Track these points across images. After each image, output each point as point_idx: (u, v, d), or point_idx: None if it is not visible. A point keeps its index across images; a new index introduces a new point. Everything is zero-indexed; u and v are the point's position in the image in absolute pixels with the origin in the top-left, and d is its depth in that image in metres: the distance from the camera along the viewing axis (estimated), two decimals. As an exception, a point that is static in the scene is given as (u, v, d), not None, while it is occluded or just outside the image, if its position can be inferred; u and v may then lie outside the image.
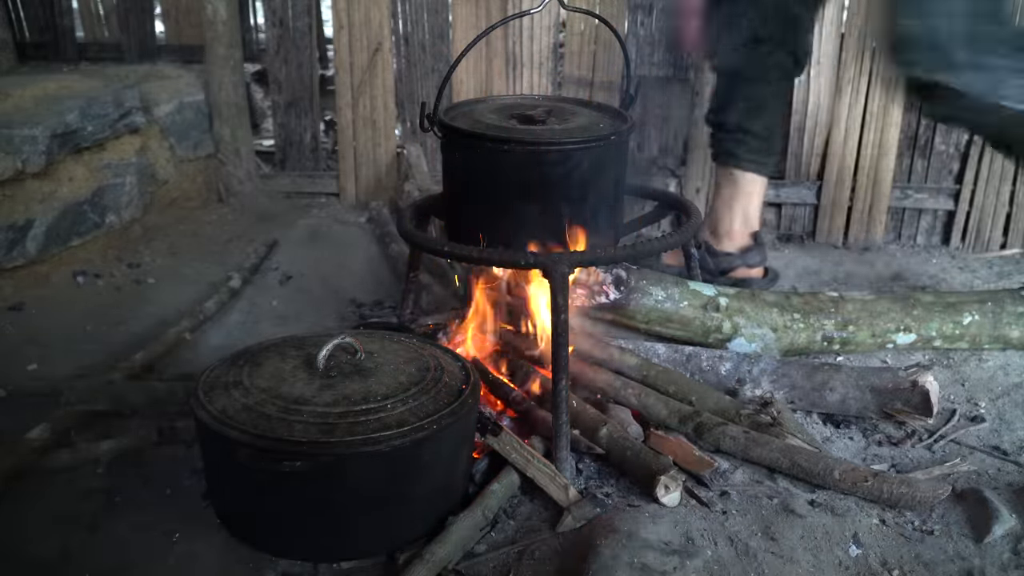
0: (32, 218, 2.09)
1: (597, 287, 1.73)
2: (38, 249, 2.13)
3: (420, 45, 2.75)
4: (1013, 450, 1.56)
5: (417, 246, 1.64)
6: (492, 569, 1.24)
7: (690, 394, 1.58)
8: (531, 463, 1.36)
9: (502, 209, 1.53)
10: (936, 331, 1.85)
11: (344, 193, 2.90)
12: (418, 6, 2.70)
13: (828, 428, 1.63)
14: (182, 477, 1.43)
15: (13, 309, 2.01)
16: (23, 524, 1.32)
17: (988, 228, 2.68)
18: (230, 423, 1.17)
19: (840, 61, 2.60)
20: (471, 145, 1.53)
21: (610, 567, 1.16)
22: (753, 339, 1.79)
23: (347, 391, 1.22)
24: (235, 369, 1.29)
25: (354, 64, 2.73)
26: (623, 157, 1.62)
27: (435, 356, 1.37)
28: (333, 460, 1.14)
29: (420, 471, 1.21)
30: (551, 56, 2.70)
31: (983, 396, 1.76)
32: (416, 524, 1.26)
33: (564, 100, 1.87)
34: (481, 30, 2.40)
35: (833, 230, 2.74)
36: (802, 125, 2.68)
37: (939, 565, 1.25)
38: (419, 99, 2.77)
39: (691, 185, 2.76)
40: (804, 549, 1.26)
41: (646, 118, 2.74)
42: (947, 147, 2.67)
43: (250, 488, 1.20)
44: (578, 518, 1.31)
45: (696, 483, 1.41)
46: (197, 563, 1.24)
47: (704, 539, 1.26)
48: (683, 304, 1.77)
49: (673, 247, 1.62)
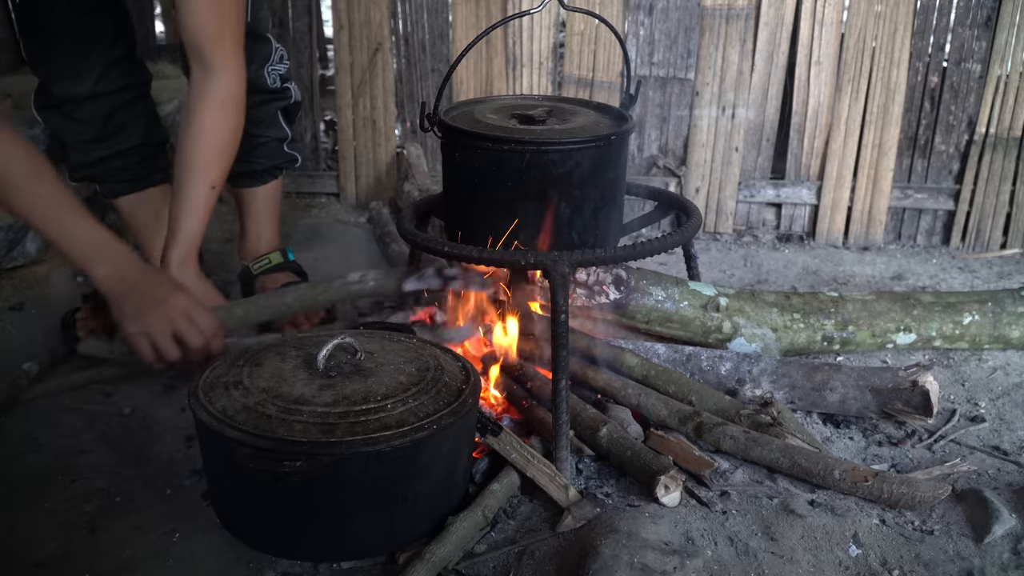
0: (32, 218, 2.09)
1: (597, 287, 1.73)
2: (38, 249, 2.12)
3: (420, 45, 2.75)
4: (1013, 450, 1.56)
5: (417, 246, 1.64)
6: (492, 569, 1.24)
7: (690, 394, 1.58)
8: (531, 463, 1.36)
9: (502, 209, 1.53)
10: (936, 331, 1.85)
11: (344, 193, 2.90)
12: (418, 6, 2.70)
13: (828, 428, 1.63)
14: (182, 477, 1.44)
15: (13, 309, 2.01)
16: (23, 524, 1.32)
17: (988, 228, 2.69)
18: (230, 423, 1.17)
19: (840, 61, 2.60)
20: (471, 145, 1.53)
21: (610, 567, 1.16)
22: (753, 339, 1.79)
23: (347, 391, 1.22)
24: (235, 369, 1.29)
25: (354, 64, 2.73)
26: (623, 157, 1.62)
27: (435, 356, 1.37)
28: (333, 460, 1.14)
29: (420, 471, 1.21)
30: (551, 56, 2.70)
31: (983, 396, 1.76)
32: (416, 524, 1.26)
33: (564, 100, 1.87)
34: (481, 30, 2.41)
35: (833, 230, 2.75)
36: (802, 125, 2.68)
37: (939, 565, 1.25)
38: (419, 99, 2.77)
39: (691, 185, 2.76)
40: (804, 549, 1.26)
41: (646, 118, 2.74)
42: (947, 147, 2.67)
43: (250, 488, 1.20)
44: (578, 518, 1.31)
45: (696, 483, 1.41)
46: (197, 563, 1.24)
47: (704, 539, 1.26)
48: (683, 304, 1.77)
49: (673, 247, 1.62)
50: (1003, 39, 2.53)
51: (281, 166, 2.13)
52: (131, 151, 2.00)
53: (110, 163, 1.99)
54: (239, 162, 2.04)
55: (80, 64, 1.87)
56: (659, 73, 2.69)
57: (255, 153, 2.06)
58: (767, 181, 2.76)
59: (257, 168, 2.08)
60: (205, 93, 1.66)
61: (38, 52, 1.88)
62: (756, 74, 2.65)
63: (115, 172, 2.01)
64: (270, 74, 2.01)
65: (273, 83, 2.02)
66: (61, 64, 1.87)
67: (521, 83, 2.72)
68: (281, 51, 2.04)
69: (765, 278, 2.46)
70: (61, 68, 1.87)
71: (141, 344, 1.47)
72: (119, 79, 1.93)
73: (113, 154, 1.98)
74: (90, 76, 1.88)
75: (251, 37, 1.93)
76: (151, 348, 1.49)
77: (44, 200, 1.43)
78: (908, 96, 2.62)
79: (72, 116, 1.92)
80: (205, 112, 1.67)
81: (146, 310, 1.46)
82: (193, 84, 1.67)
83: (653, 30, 2.65)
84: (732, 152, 2.71)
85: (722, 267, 2.54)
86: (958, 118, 2.64)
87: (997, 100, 2.58)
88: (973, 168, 2.65)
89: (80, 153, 1.96)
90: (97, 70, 1.88)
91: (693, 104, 2.69)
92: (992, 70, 2.56)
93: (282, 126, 2.10)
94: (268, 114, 2.05)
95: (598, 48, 2.67)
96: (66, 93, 1.89)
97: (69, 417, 1.63)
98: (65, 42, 1.85)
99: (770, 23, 2.59)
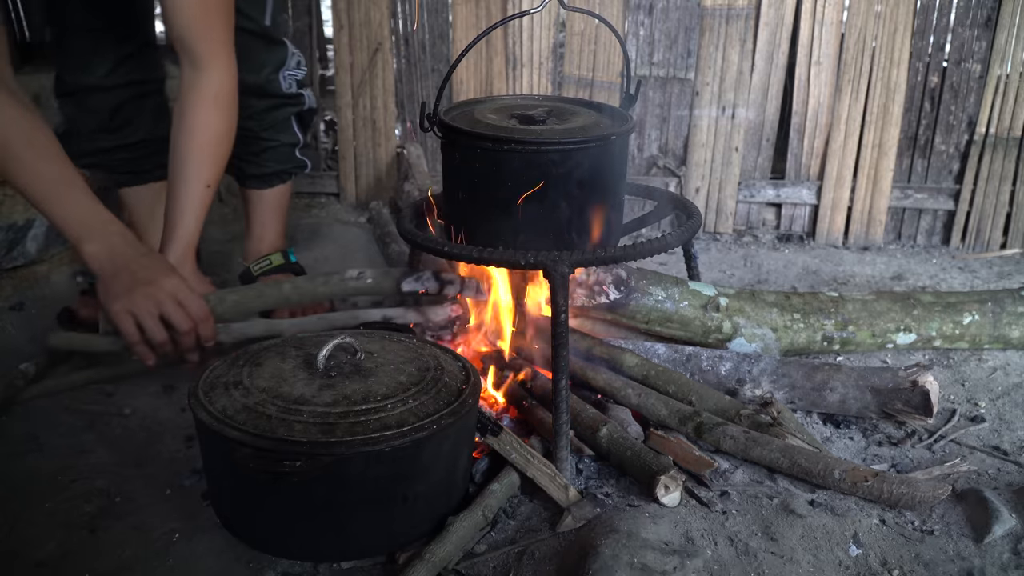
0: (32, 218, 2.09)
1: (597, 287, 1.73)
2: (38, 249, 2.12)
3: (420, 45, 2.75)
4: (1013, 450, 1.56)
5: (417, 246, 1.64)
6: (492, 569, 1.24)
7: (690, 394, 1.58)
8: (531, 463, 1.36)
9: (502, 209, 1.53)
10: (936, 331, 1.85)
11: (344, 193, 2.90)
12: (418, 6, 2.70)
13: (828, 428, 1.63)
14: (182, 477, 1.44)
15: (13, 309, 2.01)
16: (23, 524, 1.32)
17: (988, 228, 2.69)
18: (230, 423, 1.17)
19: (840, 61, 2.60)
20: (471, 145, 1.53)
21: (610, 567, 1.16)
22: (753, 339, 1.79)
23: (347, 391, 1.22)
24: (235, 369, 1.29)
25: (354, 64, 2.73)
26: (623, 157, 1.62)
27: (435, 356, 1.37)
28: (333, 460, 1.14)
29: (420, 471, 1.21)
30: (551, 56, 2.70)
31: (983, 396, 1.76)
32: (416, 524, 1.26)
33: (564, 100, 1.87)
34: (481, 30, 2.41)
35: (833, 230, 2.75)
36: (802, 125, 2.68)
37: (939, 565, 1.25)
38: (419, 99, 2.77)
39: (691, 185, 2.76)
40: (804, 549, 1.26)
41: (646, 118, 2.74)
42: (947, 147, 2.67)
43: (250, 488, 1.20)
44: (578, 518, 1.31)
45: (696, 483, 1.41)
46: (197, 563, 1.24)
47: (704, 539, 1.26)
48: (683, 304, 1.77)
49: (673, 247, 1.62)
50: (1003, 39, 2.53)
51: (291, 171, 2.14)
52: (136, 145, 2.02)
53: (115, 154, 2.02)
54: (249, 163, 2.05)
55: (91, 57, 1.91)
56: (659, 73, 2.69)
57: (265, 156, 2.07)
58: (767, 181, 2.76)
59: (266, 171, 2.09)
60: (196, 90, 1.66)
61: (52, 40, 1.94)
62: (756, 74, 2.65)
63: (120, 163, 2.03)
64: (285, 79, 2.02)
65: (288, 88, 2.03)
66: (74, 55, 1.92)
67: (521, 83, 2.72)
68: (298, 57, 2.05)
69: (765, 278, 2.46)
70: (74, 59, 1.93)
71: (125, 322, 1.42)
72: (128, 74, 1.96)
73: (118, 146, 2.01)
74: (100, 68, 1.92)
75: (267, 40, 1.96)
76: (135, 328, 1.45)
77: (43, 173, 1.42)
78: (908, 96, 2.62)
79: (83, 105, 1.96)
80: (198, 109, 1.66)
81: (134, 288, 1.42)
82: (184, 81, 1.67)
83: (653, 30, 2.65)
84: (732, 152, 2.71)
85: (722, 267, 2.54)
86: (958, 118, 2.64)
87: (997, 100, 2.58)
88: (973, 168, 2.65)
89: (87, 141, 2.01)
90: (107, 64, 1.92)
91: (693, 104, 2.69)
92: (992, 70, 2.56)
93: (294, 131, 2.11)
94: (280, 118, 2.06)
95: (598, 48, 2.67)
96: (78, 82, 1.94)
97: (69, 417, 1.63)
98: (78, 35, 1.90)
99: (770, 23, 2.59)
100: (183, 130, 1.67)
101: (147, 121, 2.03)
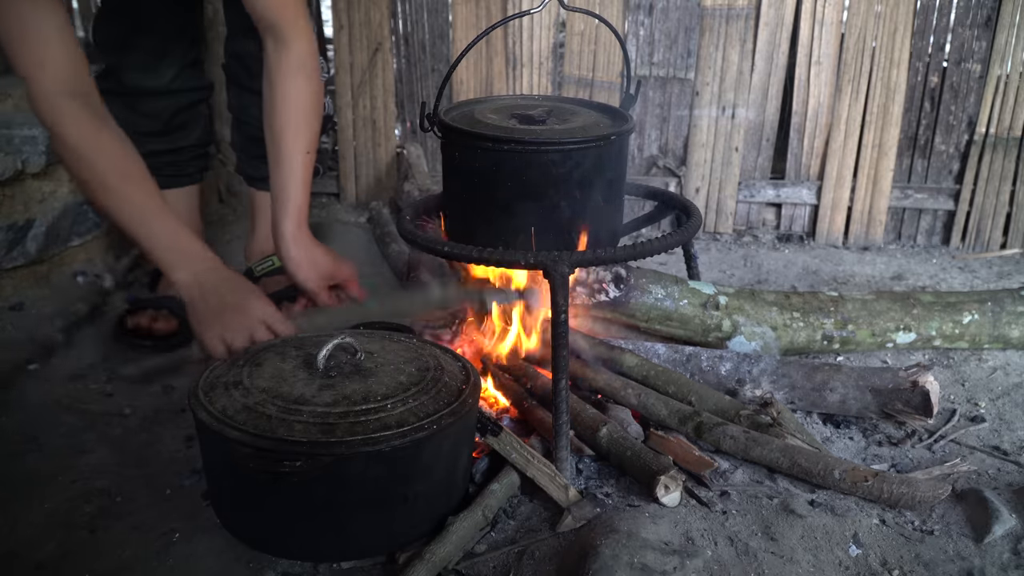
0: (32, 218, 2.09)
1: (597, 285, 1.73)
2: (38, 249, 2.12)
3: (420, 45, 2.75)
4: (1013, 450, 1.56)
5: (417, 246, 1.64)
6: (492, 569, 1.24)
7: (690, 394, 1.58)
8: (531, 463, 1.36)
9: (502, 209, 1.53)
10: (936, 331, 1.85)
11: (344, 193, 2.90)
12: (418, 6, 2.70)
13: (828, 428, 1.63)
14: (182, 477, 1.44)
15: (13, 309, 2.01)
16: (23, 524, 1.32)
17: (988, 228, 2.69)
18: (230, 423, 1.17)
19: (840, 61, 2.60)
20: (471, 145, 1.53)
21: (610, 567, 1.16)
22: (753, 338, 1.79)
23: (347, 391, 1.22)
24: (235, 369, 1.29)
25: (354, 64, 2.73)
26: (623, 157, 1.62)
27: (435, 356, 1.37)
28: (333, 460, 1.14)
29: (420, 471, 1.21)
30: (551, 56, 2.70)
31: (983, 396, 1.76)
32: (416, 524, 1.26)
33: (564, 100, 1.87)
34: (481, 30, 2.41)
35: (833, 230, 2.75)
36: (802, 125, 2.68)
37: (939, 565, 1.25)
38: (419, 99, 2.77)
39: (691, 185, 2.76)
40: (804, 549, 1.26)
41: (646, 118, 2.74)
42: (947, 147, 2.67)
43: (250, 488, 1.20)
44: (578, 518, 1.31)
45: (696, 483, 1.41)
46: (197, 563, 1.24)
47: (704, 539, 1.26)
48: (683, 302, 1.77)
49: (673, 247, 1.62)
50: (1003, 39, 2.53)
51: None
52: (184, 149, 2.04)
53: (162, 157, 2.00)
54: (256, 165, 2.04)
55: (159, 60, 1.91)
56: (659, 73, 2.69)
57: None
58: (767, 181, 2.76)
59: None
60: (283, 63, 1.65)
61: (115, 39, 1.91)
62: (756, 74, 2.65)
63: (164, 166, 2.01)
64: None
65: None
66: (139, 56, 1.90)
67: (521, 83, 2.72)
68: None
69: (765, 278, 2.46)
70: (138, 60, 1.91)
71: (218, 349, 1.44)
72: (190, 80, 1.98)
73: (168, 149, 2.01)
74: (167, 73, 1.93)
75: None
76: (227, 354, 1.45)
77: (134, 203, 1.45)
78: (908, 96, 2.62)
79: (137, 107, 1.94)
80: (287, 81, 1.65)
81: (224, 313, 1.44)
82: (269, 58, 1.66)
83: (653, 30, 2.65)
84: (732, 152, 2.71)
85: (722, 267, 2.54)
86: (958, 118, 2.64)
87: (997, 100, 2.58)
88: (973, 168, 2.65)
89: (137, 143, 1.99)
90: (175, 68, 1.93)
91: (693, 104, 2.69)
92: (992, 70, 2.56)
93: None
94: None
95: (598, 48, 2.67)
96: (139, 85, 1.92)
97: (69, 417, 1.63)
98: (149, 36, 1.88)
99: (770, 23, 2.59)
100: (276, 103, 1.66)
101: (198, 127, 2.05)
